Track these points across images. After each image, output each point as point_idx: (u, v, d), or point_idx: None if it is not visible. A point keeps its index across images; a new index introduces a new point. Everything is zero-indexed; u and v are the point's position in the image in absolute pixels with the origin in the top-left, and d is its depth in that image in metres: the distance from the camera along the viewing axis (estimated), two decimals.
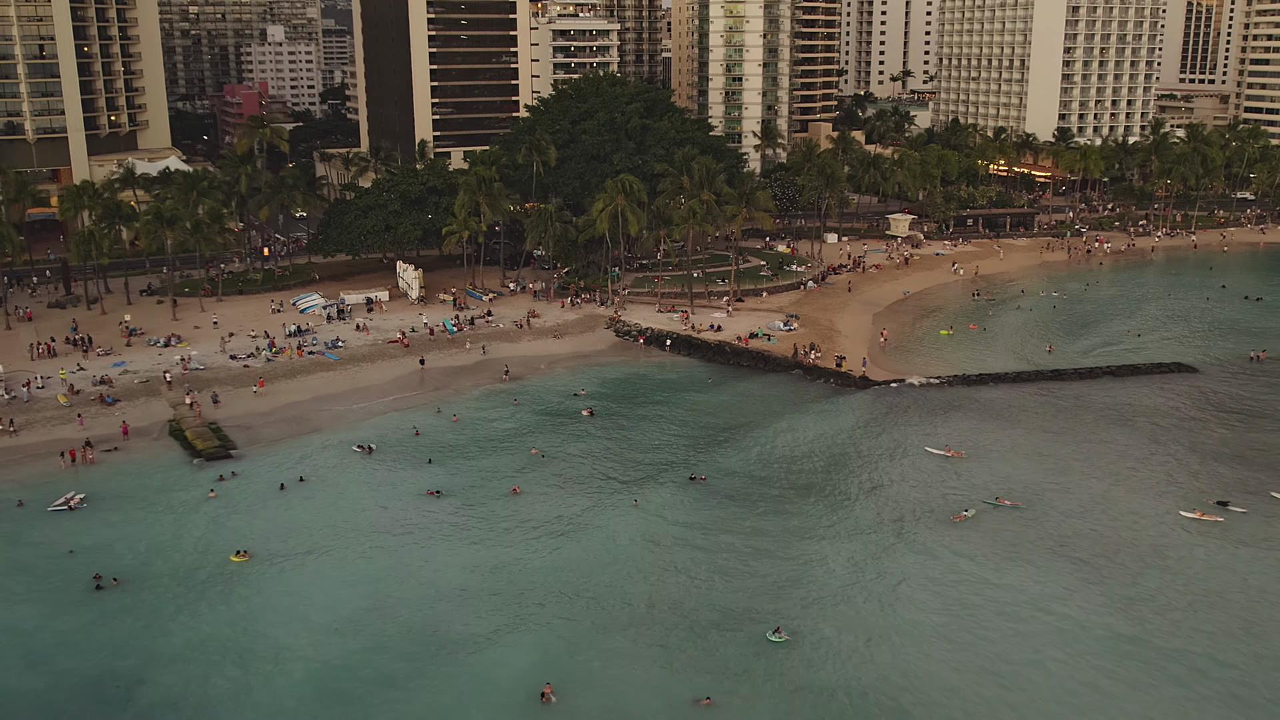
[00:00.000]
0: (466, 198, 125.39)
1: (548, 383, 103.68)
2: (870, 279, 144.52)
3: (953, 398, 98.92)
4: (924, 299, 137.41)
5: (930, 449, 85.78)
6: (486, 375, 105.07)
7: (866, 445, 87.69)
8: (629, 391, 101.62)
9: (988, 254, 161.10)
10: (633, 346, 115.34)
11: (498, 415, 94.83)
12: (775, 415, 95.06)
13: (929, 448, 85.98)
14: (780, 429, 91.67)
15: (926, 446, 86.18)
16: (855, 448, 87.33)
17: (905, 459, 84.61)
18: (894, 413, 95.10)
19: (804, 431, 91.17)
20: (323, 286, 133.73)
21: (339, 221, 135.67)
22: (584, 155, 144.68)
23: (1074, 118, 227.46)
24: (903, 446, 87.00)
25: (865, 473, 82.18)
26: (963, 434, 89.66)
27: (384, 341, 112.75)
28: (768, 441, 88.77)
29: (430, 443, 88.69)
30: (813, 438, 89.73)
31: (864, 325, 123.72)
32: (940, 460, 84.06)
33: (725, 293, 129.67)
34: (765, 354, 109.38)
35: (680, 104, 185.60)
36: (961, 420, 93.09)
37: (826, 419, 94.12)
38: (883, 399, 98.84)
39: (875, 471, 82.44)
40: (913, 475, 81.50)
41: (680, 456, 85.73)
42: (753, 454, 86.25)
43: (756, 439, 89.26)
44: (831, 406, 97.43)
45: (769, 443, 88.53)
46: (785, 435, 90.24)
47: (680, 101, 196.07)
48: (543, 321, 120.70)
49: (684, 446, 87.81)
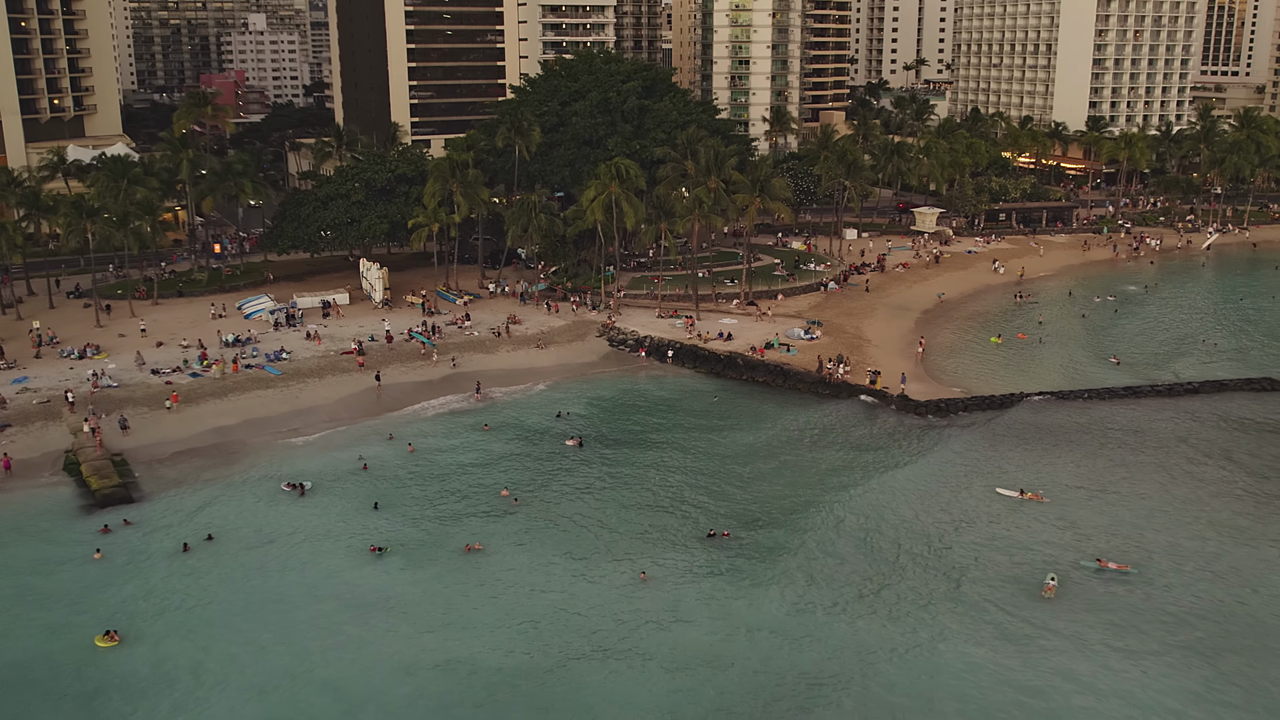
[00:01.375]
0: (437, 186, 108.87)
1: (527, 402, 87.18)
2: (897, 279, 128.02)
3: (1014, 421, 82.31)
4: (962, 303, 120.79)
5: (1002, 491, 69.11)
6: (454, 393, 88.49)
7: (919, 485, 70.95)
8: (625, 414, 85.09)
9: (1025, 251, 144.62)
10: (629, 358, 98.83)
11: (464, 444, 78.29)
12: (802, 444, 78.47)
13: (1000, 489, 69.32)
14: (809, 463, 75.11)
15: (997, 488, 69.53)
16: (904, 488, 70.66)
17: (972, 504, 67.87)
18: (946, 441, 78.52)
19: (838, 465, 74.63)
20: (276, 288, 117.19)
21: (295, 214, 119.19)
22: (575, 140, 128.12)
23: (1105, 106, 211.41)
24: (966, 487, 70.35)
25: (924, 524, 65.36)
26: (1036, 469, 73.02)
27: (337, 353, 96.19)
28: (797, 481, 72.20)
29: (379, 479, 72.19)
30: (849, 473, 73.16)
31: (896, 333, 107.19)
32: (1016, 506, 67.39)
33: (735, 295, 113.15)
34: (785, 368, 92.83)
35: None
36: (1030, 451, 76.45)
37: (864, 449, 77.58)
38: (929, 422, 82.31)
39: (936, 522, 65.67)
40: (984, 527, 64.75)
41: (692, 500, 69.16)
42: (780, 498, 69.67)
43: (783, 477, 72.70)
44: (868, 433, 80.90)
45: (798, 483, 71.96)
46: (816, 471, 73.68)
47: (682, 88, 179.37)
48: (524, 329, 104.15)
49: (695, 487, 71.24)
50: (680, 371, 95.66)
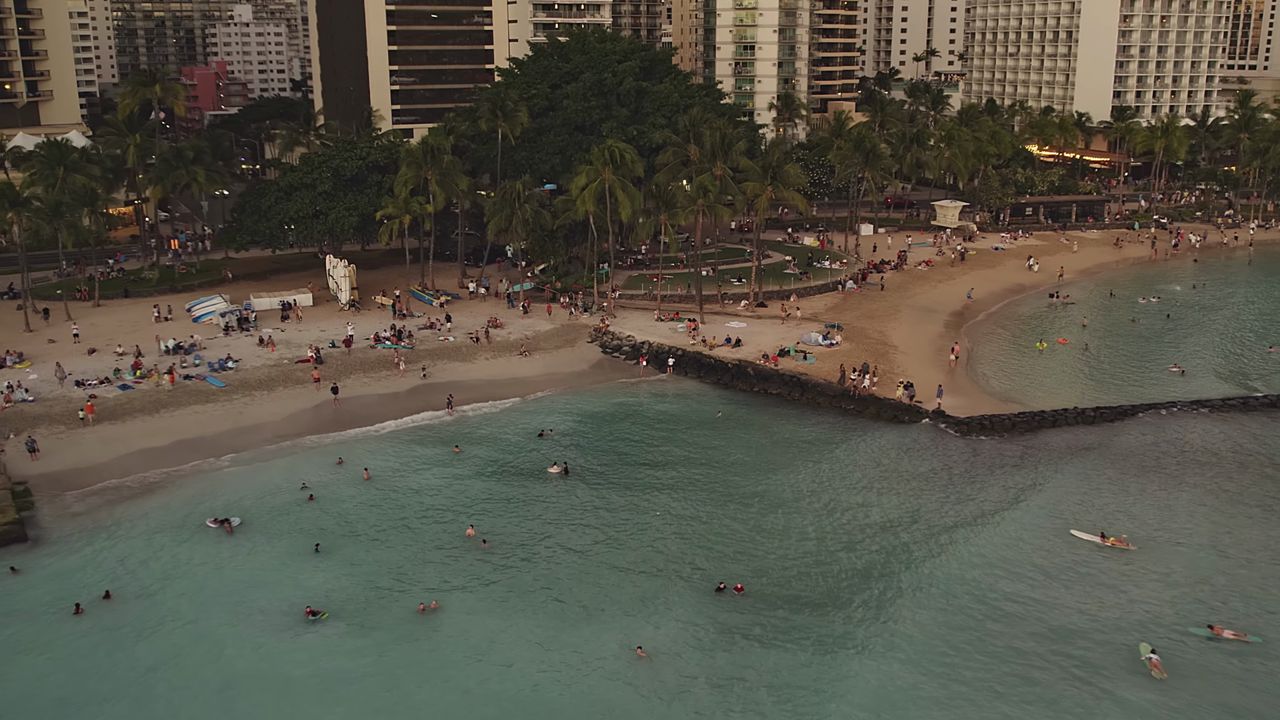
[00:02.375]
0: (410, 173, 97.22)
1: (506, 419, 75.52)
2: (920, 278, 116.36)
3: (1075, 443, 70.62)
4: (993, 304, 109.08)
5: (1079, 534, 57.16)
6: (423, 408, 76.83)
7: (975, 525, 59.10)
8: (617, 433, 73.47)
9: (1056, 248, 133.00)
10: (624, 366, 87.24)
11: (429, 470, 66.61)
12: (825, 470, 66.75)
13: (1077, 532, 57.37)
14: (835, 493, 63.46)
15: (1073, 530, 57.65)
16: (957, 527, 58.92)
17: (1045, 551, 55.79)
18: (999, 468, 66.82)
19: (870, 497, 62.97)
20: (235, 288, 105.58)
21: (255, 206, 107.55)
22: (566, 125, 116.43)
23: (1130, 96, 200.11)
24: (1033, 527, 58.47)
25: (988, 577, 53.43)
26: (1114, 505, 61.12)
27: (291, 361, 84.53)
28: (822, 517, 60.53)
29: (325, 513, 60.57)
30: (885, 507, 61.53)
31: (924, 338, 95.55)
32: (1099, 554, 55.43)
33: (744, 295, 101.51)
34: (802, 378, 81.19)
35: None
36: (1102, 481, 64.51)
37: (901, 477, 65.89)
38: (975, 445, 70.62)
39: (1003, 575, 53.72)
40: (1066, 582, 52.64)
41: (698, 543, 57.50)
42: (804, 539, 58.02)
43: (805, 512, 61.03)
44: (904, 455, 69.23)
45: (824, 520, 60.28)
46: (844, 504, 62.03)
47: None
48: (506, 333, 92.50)
49: (700, 524, 59.58)
50: (682, 382, 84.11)
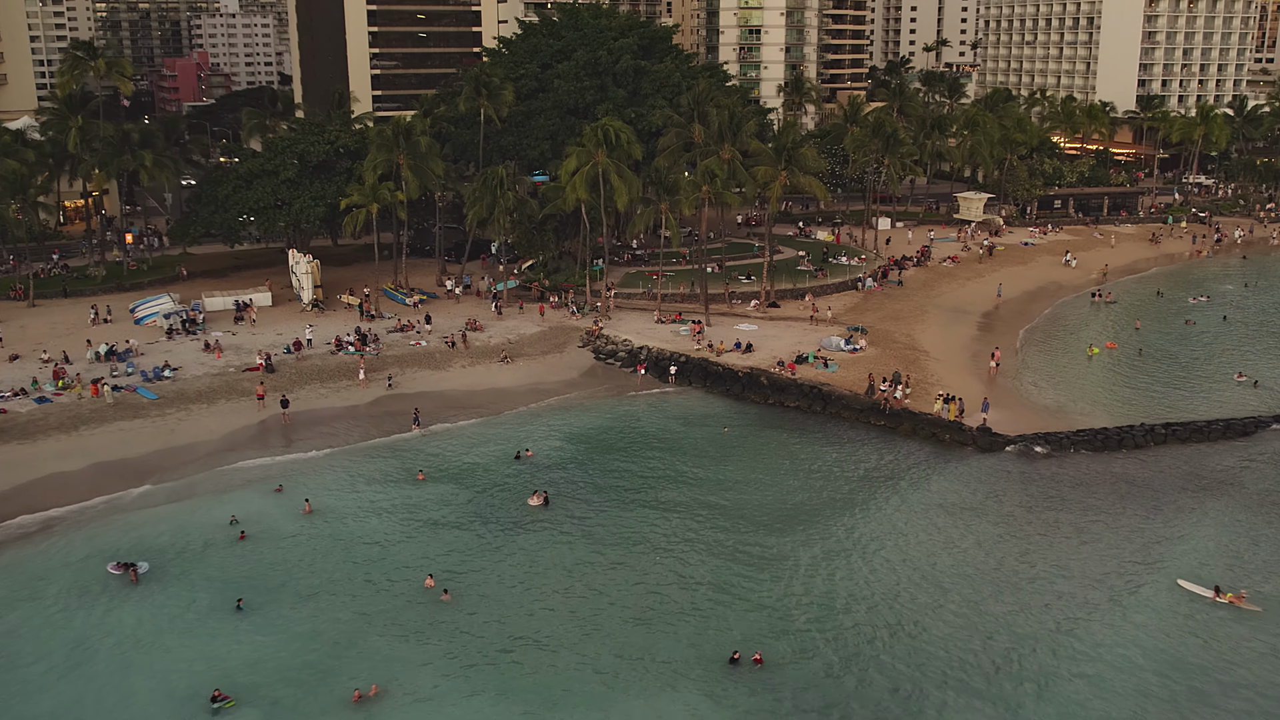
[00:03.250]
0: (379, 157, 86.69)
1: (480, 437, 64.89)
2: (946, 275, 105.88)
3: (1149, 467, 60.05)
4: (1028, 304, 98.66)
5: (1188, 586, 46.47)
6: (385, 424, 66.27)
7: (1048, 572, 48.57)
8: (609, 454, 62.89)
9: (1090, 243, 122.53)
10: (619, 375, 76.71)
11: (385, 501, 56.05)
12: (860, 502, 56.21)
13: (1185, 583, 46.63)
14: (874, 533, 52.85)
15: (1180, 580, 46.93)
16: (1029, 576, 48.38)
17: (1144, 609, 44.86)
18: (1069, 499, 56.17)
19: (919, 538, 52.36)
20: (189, 286, 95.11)
21: (211, 196, 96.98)
22: (557, 108, 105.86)
23: (1156, 85, 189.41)
24: (1130, 575, 47.73)
25: (1093, 648, 42.86)
26: (1217, 545, 50.33)
27: (238, 369, 74.00)
28: (856, 561, 49.97)
29: (255, 557, 50.06)
30: (937, 553, 50.96)
31: (957, 341, 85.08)
32: (1215, 613, 44.62)
33: (754, 294, 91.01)
34: (824, 389, 70.59)
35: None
36: (1195, 515, 53.87)
37: (948, 509, 55.27)
38: (1032, 468, 60.08)
39: (1110, 643, 43.05)
40: (1183, 655, 41.96)
41: (705, 596, 46.95)
42: (834, 592, 47.47)
43: (836, 554, 50.48)
44: (950, 483, 58.62)
45: (860, 564, 49.71)
46: (887, 547, 51.45)
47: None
48: (486, 337, 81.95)
49: (709, 573, 49.05)
50: (686, 393, 73.55)
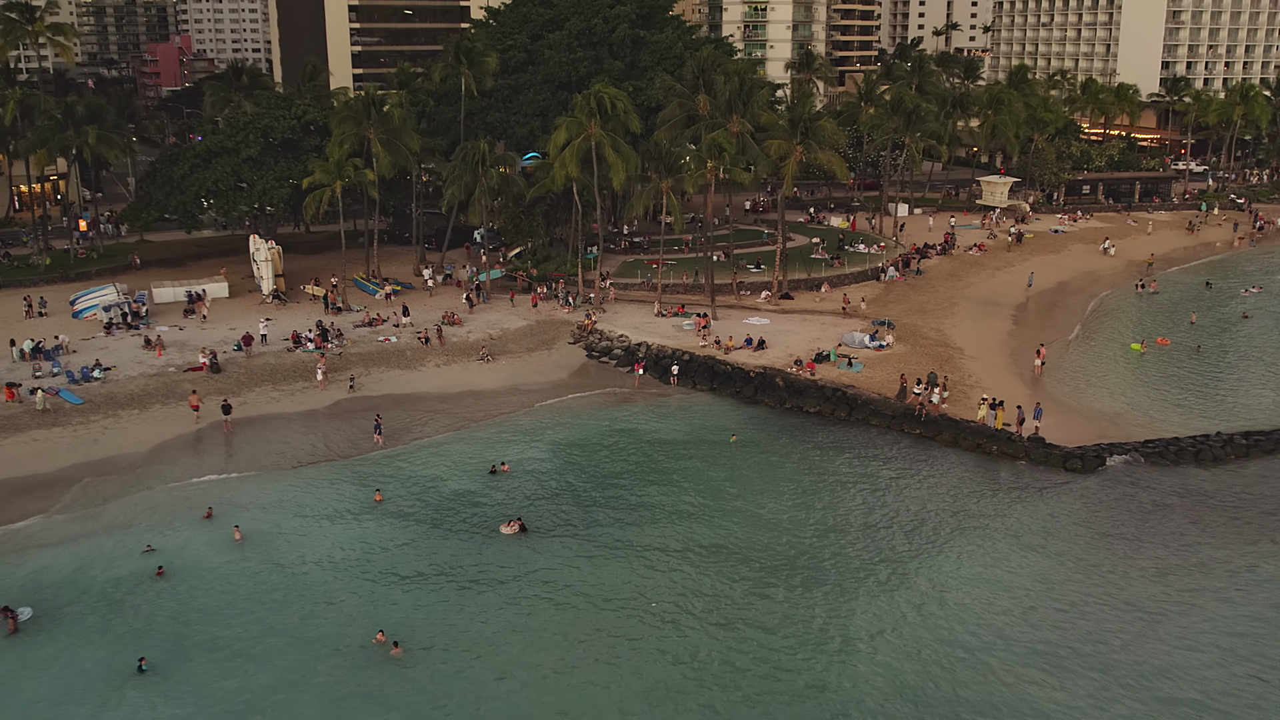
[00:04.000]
0: (346, 130, 77.63)
1: (451, 449, 55.83)
2: (973, 265, 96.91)
3: (1245, 487, 51.10)
4: (1064, 296, 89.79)
5: None
6: (342, 433, 57.31)
7: (1178, 640, 39.69)
8: (598, 469, 53.85)
9: (1124, 231, 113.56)
10: (614, 375, 67.69)
11: (332, 528, 47.01)
12: (902, 535, 47.15)
13: None
14: (926, 579, 43.77)
15: None
16: (1144, 646, 39.50)
17: None
18: (1156, 528, 47.24)
19: (984, 591, 43.31)
20: (142, 276, 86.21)
21: (165, 176, 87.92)
22: (548, 82, 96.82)
23: (1181, 67, 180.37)
24: (1269, 637, 38.93)
25: None
26: None
27: (180, 369, 64.99)
28: (915, 628, 41.00)
29: (170, 599, 41.11)
30: (1016, 617, 42.01)
31: (993, 337, 76.12)
32: None
33: (765, 285, 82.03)
34: (849, 392, 61.56)
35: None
36: None
37: (1020, 547, 46.15)
38: (1110, 490, 51.06)
39: None
40: None
41: (716, 658, 37.95)
42: (893, 682, 38.51)
43: (890, 621, 41.54)
44: (1012, 510, 49.54)
45: (921, 633, 40.74)
46: (948, 602, 42.41)
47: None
48: (465, 332, 72.91)
49: (718, 622, 40.05)
50: (689, 396, 64.50)
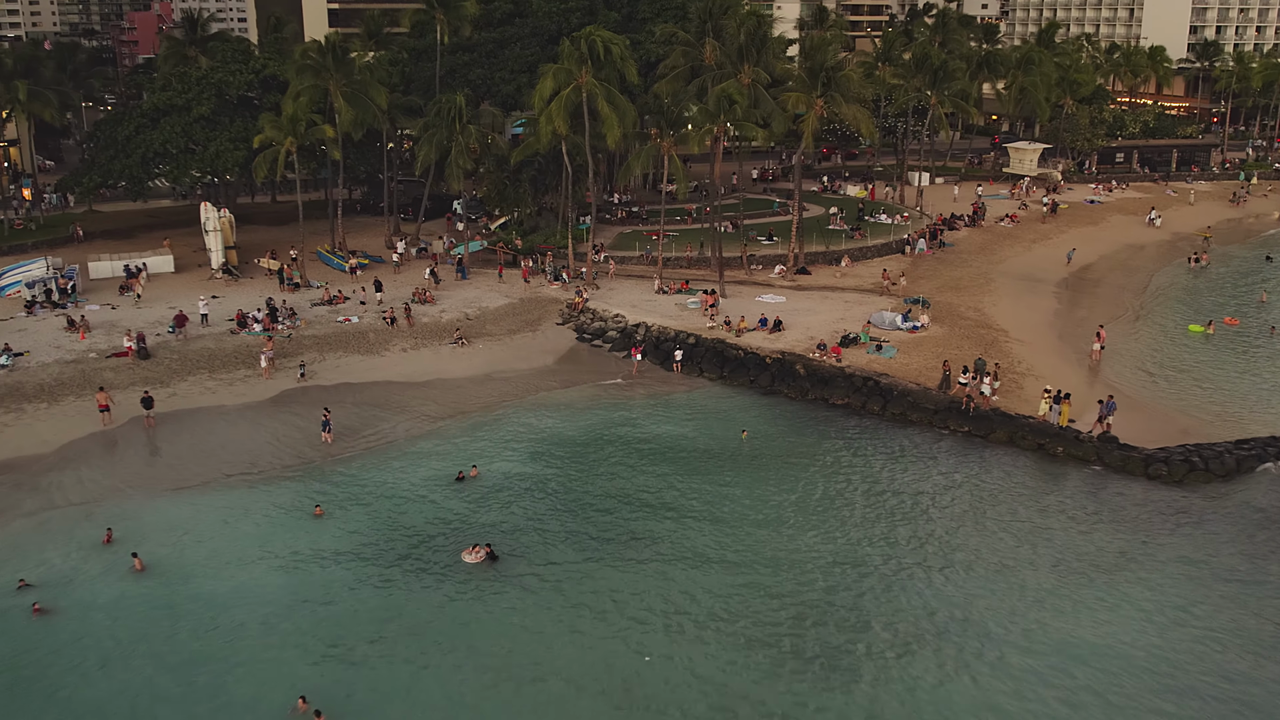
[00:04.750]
0: (304, 82, 68.27)
1: (411, 451, 46.80)
2: (1006, 237, 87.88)
3: None
4: (1110, 271, 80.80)
5: None
6: (284, 431, 48.32)
7: None
8: (586, 477, 44.80)
9: (1165, 201, 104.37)
10: (609, 361, 58.71)
11: (256, 551, 38.00)
12: (961, 556, 38.28)
13: None
14: (1000, 620, 34.96)
15: None
16: None
17: None
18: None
19: (1096, 654, 34.56)
20: (84, 249, 77.16)
21: (109, 138, 78.69)
22: (536, 35, 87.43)
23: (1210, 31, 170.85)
24: None
25: None
26: None
27: (104, 354, 56.00)
28: (994, 692, 32.24)
29: (38, 648, 32.28)
30: (1100, 665, 33.24)
31: (1038, 317, 67.10)
32: None
33: (779, 258, 72.94)
34: (883, 382, 52.61)
35: None
36: None
37: (1126, 579, 37.38)
38: (1215, 504, 42.20)
39: None
40: None
41: None
42: None
43: (949, 697, 32.76)
44: (1098, 531, 40.74)
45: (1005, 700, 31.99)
46: (1035, 654, 33.64)
47: None
48: (439, 311, 63.83)
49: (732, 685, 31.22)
50: (695, 385, 55.53)
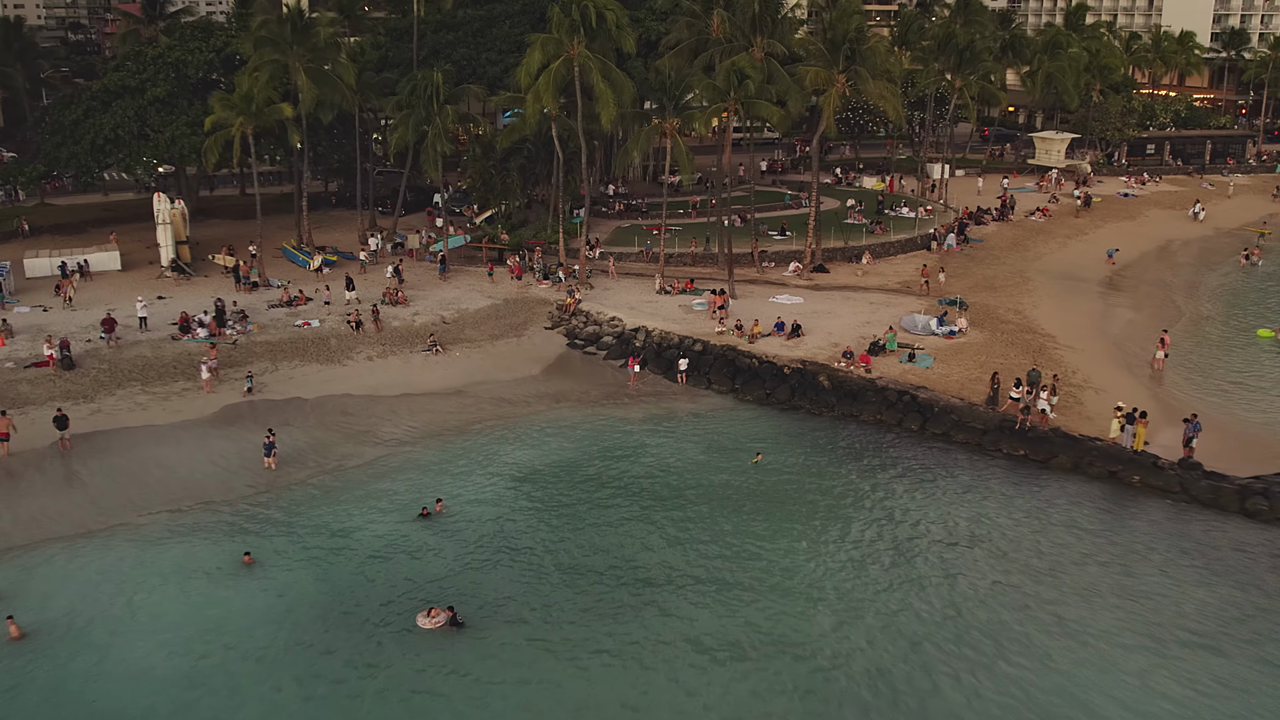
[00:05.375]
0: (265, 57, 60.98)
1: (367, 480, 39.45)
2: (1038, 232, 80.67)
3: None
4: (1157, 268, 73.76)
5: None
6: (222, 456, 40.98)
7: None
8: (573, 521, 37.45)
9: (1202, 195, 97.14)
10: (603, 370, 51.45)
11: (162, 618, 30.67)
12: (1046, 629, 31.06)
13: None
14: None
15: None
16: None
17: None
18: None
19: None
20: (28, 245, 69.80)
21: (56, 123, 71.35)
22: (525, 13, 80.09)
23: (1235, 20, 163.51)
24: None
25: None
26: None
27: (22, 363, 48.70)
28: None
29: None
30: None
31: (1085, 320, 59.84)
32: None
33: (794, 254, 65.64)
34: (921, 396, 45.29)
35: None
36: None
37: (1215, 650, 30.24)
38: None
39: None
40: None
41: None
42: None
43: None
44: (1194, 580, 33.55)
45: None
46: None
47: None
48: (412, 314, 56.53)
49: None
50: (702, 399, 48.23)
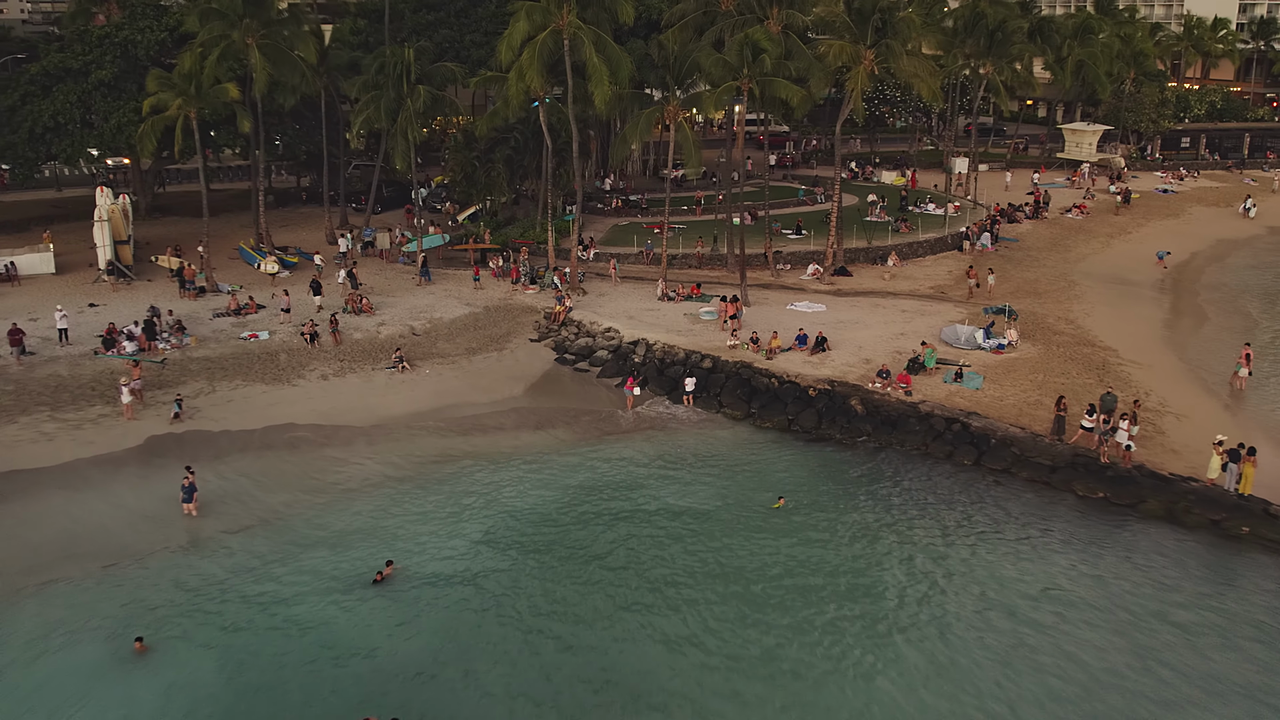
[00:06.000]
0: (213, 30, 53.83)
1: (302, 534, 32.30)
2: (1076, 231, 73.73)
3: None
4: (1212, 270, 66.68)
5: None
6: (133, 505, 33.79)
7: None
8: (553, 589, 30.23)
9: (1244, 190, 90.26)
10: (596, 389, 44.21)
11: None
12: None
13: None
14: None
15: None
16: None
17: None
18: None
19: None
20: None
21: None
22: None
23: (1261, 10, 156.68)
24: None
25: None
26: None
27: None
28: None
29: None
30: None
31: (1145, 329, 52.77)
32: None
33: (813, 256, 58.49)
34: (973, 425, 38.14)
35: None
36: None
37: None
38: None
39: None
40: None
41: None
42: None
43: None
44: None
45: None
46: None
47: None
48: (376, 324, 49.31)
49: None
50: (711, 426, 41.00)
